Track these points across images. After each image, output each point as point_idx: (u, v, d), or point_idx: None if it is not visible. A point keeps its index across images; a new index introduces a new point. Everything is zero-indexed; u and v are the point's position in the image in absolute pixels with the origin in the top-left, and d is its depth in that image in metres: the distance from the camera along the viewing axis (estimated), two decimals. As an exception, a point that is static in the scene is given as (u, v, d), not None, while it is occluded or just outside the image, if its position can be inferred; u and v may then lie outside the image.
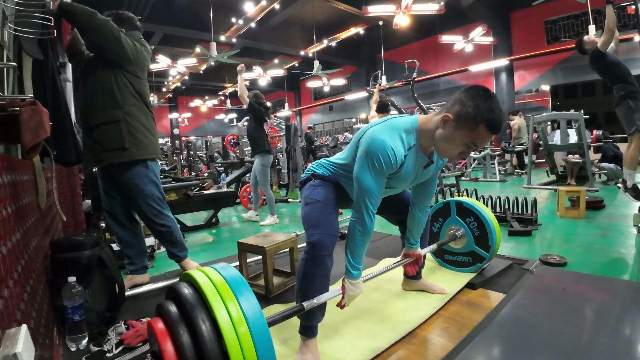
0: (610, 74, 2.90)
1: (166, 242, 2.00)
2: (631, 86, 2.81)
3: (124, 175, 1.81)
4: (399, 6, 7.23)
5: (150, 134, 1.88)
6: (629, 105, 2.78)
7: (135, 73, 1.83)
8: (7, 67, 1.17)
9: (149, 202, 1.87)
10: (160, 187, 1.94)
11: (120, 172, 1.81)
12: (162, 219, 1.92)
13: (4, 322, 0.77)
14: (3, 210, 0.91)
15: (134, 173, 1.82)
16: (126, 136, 1.76)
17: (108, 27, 1.67)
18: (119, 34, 1.73)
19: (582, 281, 1.76)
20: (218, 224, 4.10)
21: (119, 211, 1.94)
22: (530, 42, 10.25)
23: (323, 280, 1.22)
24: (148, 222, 1.92)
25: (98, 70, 1.77)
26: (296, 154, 5.74)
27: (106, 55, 1.74)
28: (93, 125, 1.75)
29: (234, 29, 10.27)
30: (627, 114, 2.80)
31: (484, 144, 1.14)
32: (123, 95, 1.78)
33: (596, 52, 2.86)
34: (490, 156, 6.80)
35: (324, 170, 1.40)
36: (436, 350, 1.26)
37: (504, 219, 3.06)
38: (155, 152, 1.90)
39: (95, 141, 1.76)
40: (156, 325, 0.82)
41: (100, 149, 1.76)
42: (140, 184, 1.83)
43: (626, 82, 2.83)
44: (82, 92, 1.79)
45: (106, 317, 1.54)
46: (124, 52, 1.75)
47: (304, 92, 18.60)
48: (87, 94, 1.77)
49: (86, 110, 1.77)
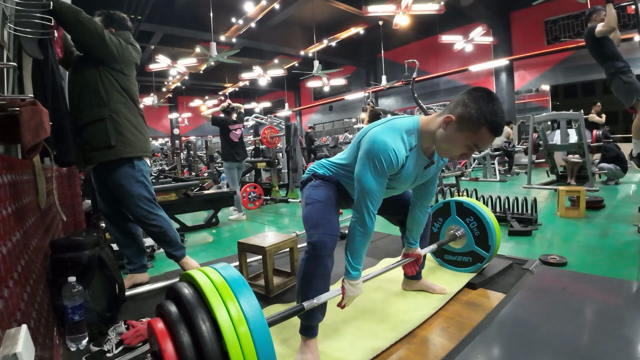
0: (600, 52, 2.92)
1: (160, 242, 1.96)
2: (620, 62, 2.84)
3: (110, 176, 1.79)
4: (399, 6, 7.23)
5: (138, 131, 1.84)
6: (622, 80, 2.82)
7: (122, 70, 1.81)
8: (7, 67, 1.17)
9: (136, 203, 1.83)
10: (150, 187, 1.91)
11: (107, 172, 1.79)
12: (152, 220, 1.87)
13: (4, 322, 0.77)
14: (3, 210, 0.91)
15: (120, 174, 1.79)
16: (112, 133, 1.73)
17: (92, 25, 1.66)
18: (103, 31, 1.70)
19: (582, 281, 1.76)
20: (218, 224, 4.10)
21: (113, 211, 1.94)
22: (530, 42, 10.26)
23: (323, 280, 1.22)
24: (139, 223, 1.90)
25: (84, 69, 1.75)
26: (296, 154, 5.74)
27: (91, 53, 1.73)
28: (81, 125, 1.73)
29: (234, 29, 10.27)
30: (623, 89, 2.83)
31: (486, 145, 1.15)
32: (108, 92, 1.76)
33: (592, 31, 2.88)
34: (490, 156, 6.80)
35: (324, 170, 1.40)
36: (436, 350, 1.26)
37: (504, 219, 3.06)
38: (144, 150, 1.87)
39: (84, 141, 1.74)
40: (156, 325, 0.82)
41: (89, 149, 1.74)
42: (126, 184, 1.80)
43: (615, 59, 2.86)
44: (69, 92, 1.77)
45: (106, 317, 1.54)
46: (107, 49, 1.73)
47: (304, 92, 18.60)
48: (75, 94, 1.75)
49: (74, 111, 1.75)
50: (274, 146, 6.02)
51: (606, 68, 2.91)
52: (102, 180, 1.87)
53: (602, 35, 2.81)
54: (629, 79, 2.80)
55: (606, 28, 2.77)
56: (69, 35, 1.80)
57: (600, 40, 2.87)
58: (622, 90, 2.83)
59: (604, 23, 2.79)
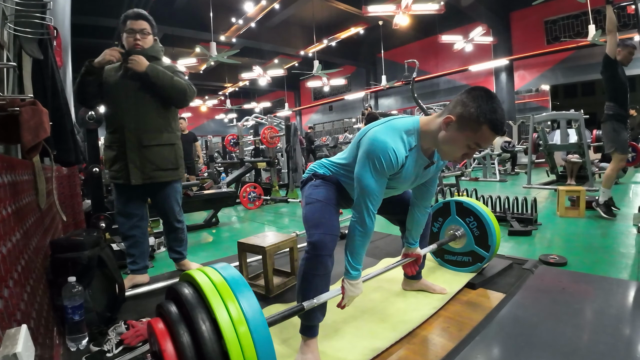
0: (611, 89, 3.03)
1: (177, 240, 2.14)
2: (621, 110, 3.00)
3: (164, 190, 2.03)
4: (398, 6, 7.24)
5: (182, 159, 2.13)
6: (614, 127, 3.01)
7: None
8: (7, 67, 1.17)
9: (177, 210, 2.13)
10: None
11: (162, 187, 2.02)
12: (181, 217, 2.17)
13: (4, 322, 0.77)
14: (3, 210, 0.91)
15: (172, 190, 2.07)
16: (178, 159, 2.03)
17: (180, 86, 1.90)
18: (192, 92, 1.96)
19: (582, 281, 1.76)
20: (218, 224, 4.10)
21: (138, 213, 2.02)
22: (530, 42, 10.26)
23: (323, 280, 1.22)
24: (172, 219, 2.11)
25: (152, 96, 1.90)
26: (296, 154, 5.74)
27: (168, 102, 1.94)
28: (147, 145, 1.90)
29: (234, 29, 10.28)
30: (610, 135, 3.04)
31: (487, 145, 1.14)
32: (175, 123, 2.04)
33: (605, 57, 2.95)
34: (490, 156, 6.80)
35: (325, 170, 1.40)
36: (436, 350, 1.26)
37: (504, 218, 3.06)
38: None
39: (148, 160, 1.90)
40: (156, 325, 0.82)
41: (155, 168, 1.93)
42: (174, 198, 2.10)
43: (618, 104, 3.00)
44: (124, 107, 1.87)
45: (106, 317, 1.54)
46: (186, 104, 1.99)
47: (304, 92, 18.60)
48: (139, 114, 1.88)
49: (136, 129, 1.88)
50: (274, 146, 6.01)
51: (607, 107, 3.06)
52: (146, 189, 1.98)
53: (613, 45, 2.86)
54: (619, 128, 3.00)
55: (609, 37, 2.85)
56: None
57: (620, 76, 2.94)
58: (609, 136, 3.05)
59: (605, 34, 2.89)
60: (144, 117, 1.89)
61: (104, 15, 8.43)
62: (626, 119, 3.05)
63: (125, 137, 1.87)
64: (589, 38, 6.99)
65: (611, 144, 3.02)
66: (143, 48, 1.88)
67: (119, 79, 1.88)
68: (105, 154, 1.96)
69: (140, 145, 1.88)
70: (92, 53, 1.87)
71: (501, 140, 7.04)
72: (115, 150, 1.90)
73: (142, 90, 1.89)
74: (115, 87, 1.87)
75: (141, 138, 1.88)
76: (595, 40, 6.95)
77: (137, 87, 1.88)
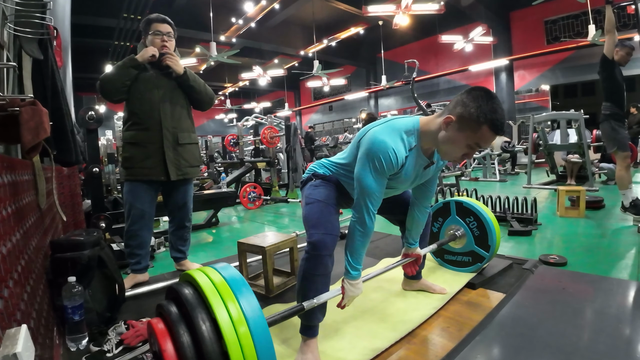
0: (608, 89, 3.03)
1: (182, 238, 2.18)
2: (618, 109, 3.00)
3: (185, 186, 2.12)
4: (398, 6, 7.24)
5: None
6: (612, 126, 3.00)
7: None
8: (7, 67, 1.17)
9: (191, 208, 2.21)
10: None
11: (185, 183, 2.12)
12: (190, 220, 2.23)
13: (4, 322, 0.77)
14: (3, 210, 0.91)
15: (191, 187, 2.19)
16: (201, 157, 2.18)
17: (209, 91, 2.11)
18: (213, 96, 2.17)
19: (582, 281, 1.76)
20: (218, 224, 4.10)
21: (151, 212, 2.04)
22: (530, 42, 10.26)
23: (323, 280, 1.22)
24: (184, 219, 2.17)
25: (184, 98, 2.05)
26: (296, 154, 5.73)
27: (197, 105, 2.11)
28: (181, 143, 2.01)
29: (233, 29, 10.28)
30: (609, 134, 3.03)
31: (487, 144, 1.14)
32: (194, 123, 2.16)
33: (603, 57, 2.94)
34: (490, 156, 6.80)
35: (325, 170, 1.40)
36: (436, 350, 1.26)
37: (504, 218, 3.06)
38: None
39: (181, 157, 2.01)
40: (156, 325, 0.82)
41: (187, 165, 2.04)
42: (191, 195, 2.20)
43: (615, 104, 3.00)
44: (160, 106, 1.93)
45: (106, 317, 1.54)
46: (209, 106, 2.16)
47: (304, 92, 18.61)
48: (175, 113, 1.99)
49: (173, 127, 1.98)
50: (273, 146, 6.01)
51: (604, 107, 3.06)
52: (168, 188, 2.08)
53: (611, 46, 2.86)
54: (618, 127, 2.99)
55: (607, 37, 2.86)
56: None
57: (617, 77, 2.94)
58: (609, 136, 3.04)
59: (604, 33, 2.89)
60: (179, 116, 2.00)
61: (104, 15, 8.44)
62: (624, 118, 3.05)
63: (163, 134, 1.92)
64: (589, 38, 6.99)
65: (611, 143, 3.01)
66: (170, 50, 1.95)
67: (153, 78, 1.92)
68: (129, 151, 1.92)
69: (176, 143, 1.98)
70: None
71: (501, 140, 7.04)
72: (145, 147, 1.91)
73: (177, 90, 1.99)
74: (149, 85, 1.90)
75: (177, 136, 1.98)
76: (595, 40, 6.95)
77: (173, 87, 1.97)
